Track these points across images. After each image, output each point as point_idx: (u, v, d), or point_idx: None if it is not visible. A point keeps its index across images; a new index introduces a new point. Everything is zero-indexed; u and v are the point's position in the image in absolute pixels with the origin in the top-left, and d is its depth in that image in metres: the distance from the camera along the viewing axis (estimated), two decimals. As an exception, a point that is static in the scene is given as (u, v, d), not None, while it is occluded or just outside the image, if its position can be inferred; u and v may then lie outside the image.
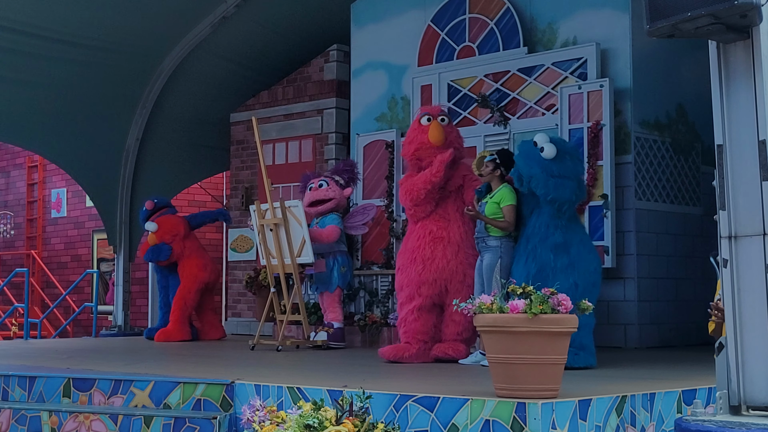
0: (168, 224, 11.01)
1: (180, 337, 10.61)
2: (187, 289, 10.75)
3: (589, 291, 6.80)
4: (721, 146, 3.71)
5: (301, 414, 4.69)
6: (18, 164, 17.12)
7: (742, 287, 3.66)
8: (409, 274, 7.67)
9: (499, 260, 7.21)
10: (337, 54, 11.78)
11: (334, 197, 9.44)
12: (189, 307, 10.76)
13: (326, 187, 9.44)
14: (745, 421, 3.54)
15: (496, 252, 7.25)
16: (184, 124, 12.85)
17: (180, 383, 5.80)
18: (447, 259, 7.58)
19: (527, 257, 6.99)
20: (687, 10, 3.55)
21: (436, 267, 7.58)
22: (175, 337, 10.59)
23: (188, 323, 10.84)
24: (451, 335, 7.61)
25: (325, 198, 9.42)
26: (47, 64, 11.01)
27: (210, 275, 10.97)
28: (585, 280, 6.87)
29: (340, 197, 9.51)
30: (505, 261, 7.19)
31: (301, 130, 11.99)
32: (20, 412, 6.06)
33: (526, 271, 6.84)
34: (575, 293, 5.98)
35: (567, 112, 9.16)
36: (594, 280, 7.00)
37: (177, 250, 10.90)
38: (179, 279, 10.96)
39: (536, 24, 9.74)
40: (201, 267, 10.87)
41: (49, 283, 16.20)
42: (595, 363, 6.83)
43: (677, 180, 9.57)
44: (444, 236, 7.65)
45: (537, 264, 6.89)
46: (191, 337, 10.74)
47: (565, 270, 6.81)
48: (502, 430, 4.50)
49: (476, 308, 4.81)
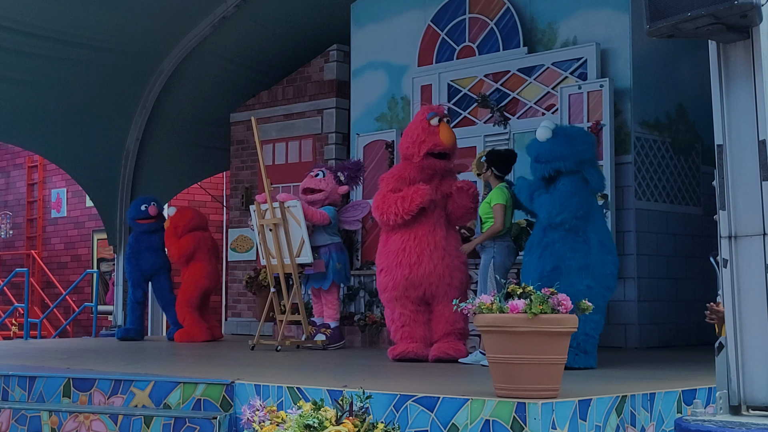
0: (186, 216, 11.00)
1: (203, 337, 10.57)
2: (189, 292, 10.73)
3: (602, 295, 6.69)
4: (721, 146, 3.71)
5: (301, 414, 4.69)
6: (18, 164, 17.12)
7: (742, 287, 3.66)
8: (394, 276, 7.60)
9: (492, 260, 7.22)
10: (337, 54, 11.78)
11: (324, 189, 9.36)
12: (195, 306, 10.76)
13: (322, 177, 9.43)
14: (745, 421, 3.54)
15: (490, 252, 7.30)
16: (184, 124, 12.84)
17: (180, 383, 5.80)
18: (434, 264, 7.54)
19: (543, 250, 6.80)
20: (687, 10, 3.55)
21: (423, 271, 7.52)
22: (199, 337, 10.53)
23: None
24: (443, 330, 7.60)
25: (316, 188, 9.38)
26: (47, 64, 11.01)
27: (210, 284, 10.95)
28: (600, 284, 6.69)
29: (332, 192, 9.41)
30: (498, 260, 7.19)
31: (301, 130, 11.99)
32: (20, 412, 6.06)
33: (541, 266, 6.71)
34: (588, 296, 5.83)
35: (567, 112, 9.16)
36: (609, 284, 6.80)
37: (188, 246, 10.84)
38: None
39: (536, 24, 9.74)
40: (205, 274, 10.83)
41: (49, 283, 16.19)
42: (595, 365, 6.82)
43: (677, 180, 9.57)
44: (430, 241, 7.59)
45: (553, 261, 6.73)
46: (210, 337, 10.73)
47: (581, 271, 6.64)
48: (502, 430, 4.50)
49: (476, 308, 4.81)
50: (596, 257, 6.73)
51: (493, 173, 7.45)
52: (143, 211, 11.16)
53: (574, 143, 6.87)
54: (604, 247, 6.81)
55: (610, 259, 6.81)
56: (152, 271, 11.12)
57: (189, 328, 10.59)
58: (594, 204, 6.95)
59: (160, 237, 11.14)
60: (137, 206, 11.26)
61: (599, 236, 6.83)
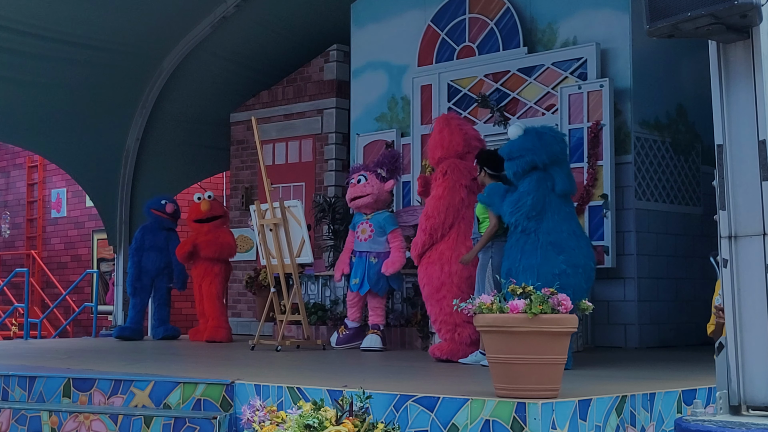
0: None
1: (231, 338, 10.60)
2: (220, 290, 10.75)
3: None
4: (721, 146, 3.71)
5: (301, 414, 4.69)
6: (18, 164, 17.12)
7: (742, 287, 3.66)
8: (430, 273, 7.65)
9: (490, 260, 7.21)
10: (337, 54, 11.78)
11: (371, 192, 9.11)
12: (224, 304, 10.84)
13: (365, 182, 9.15)
14: (745, 421, 3.54)
15: (488, 252, 7.26)
16: (184, 124, 12.85)
17: (180, 383, 5.80)
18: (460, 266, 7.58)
19: (506, 252, 6.85)
20: (687, 10, 3.54)
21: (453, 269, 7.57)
22: (230, 337, 10.53)
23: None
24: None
25: (362, 194, 9.14)
26: (47, 64, 11.01)
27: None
28: (546, 284, 6.48)
29: (379, 192, 9.14)
30: (496, 260, 7.18)
31: (301, 130, 11.99)
32: (20, 412, 6.06)
33: (506, 267, 6.70)
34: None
35: (567, 112, 9.17)
36: (557, 284, 6.62)
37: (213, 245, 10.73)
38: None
39: (536, 24, 9.74)
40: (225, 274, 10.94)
41: (49, 283, 16.20)
42: (570, 366, 6.41)
43: (677, 180, 9.57)
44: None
45: (508, 263, 6.71)
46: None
47: (525, 272, 6.42)
48: (502, 430, 4.50)
49: (476, 308, 4.81)
50: (542, 258, 6.56)
51: (486, 173, 7.43)
52: (162, 205, 11.14)
53: (545, 138, 6.82)
54: (555, 248, 6.62)
55: (561, 259, 6.57)
56: (154, 270, 11.10)
57: (225, 331, 10.53)
58: (552, 204, 6.75)
59: (166, 237, 11.13)
60: (158, 200, 11.26)
61: (551, 236, 6.64)
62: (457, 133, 7.86)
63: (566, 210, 6.85)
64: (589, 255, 6.79)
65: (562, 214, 6.78)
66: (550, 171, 6.77)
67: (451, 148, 7.78)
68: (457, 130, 7.88)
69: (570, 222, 6.80)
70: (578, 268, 6.62)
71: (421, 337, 9.18)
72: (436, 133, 7.93)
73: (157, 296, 11.17)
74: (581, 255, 6.70)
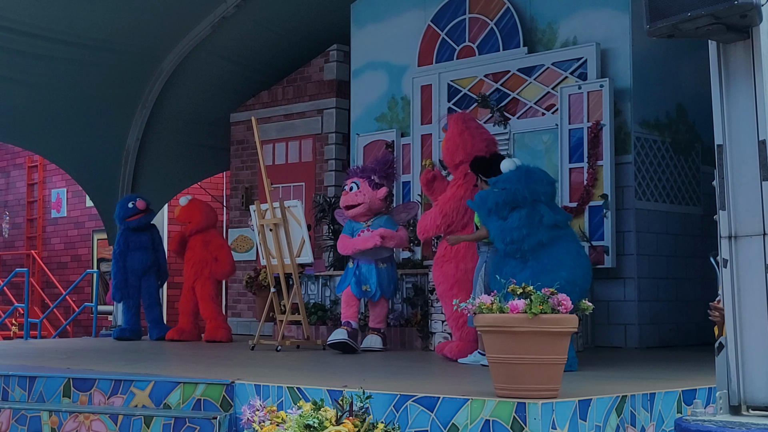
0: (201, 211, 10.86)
1: (231, 337, 10.58)
2: (213, 290, 10.72)
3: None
4: (721, 146, 3.71)
5: (301, 414, 4.69)
6: (18, 164, 17.12)
7: (742, 287, 3.65)
8: (445, 270, 7.71)
9: (484, 264, 7.23)
10: (337, 54, 11.78)
11: (363, 201, 8.90)
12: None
13: (356, 190, 8.93)
14: (745, 421, 3.54)
15: (483, 257, 7.30)
16: (184, 124, 12.85)
17: (180, 383, 5.80)
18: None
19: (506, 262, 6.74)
20: (687, 10, 3.54)
21: (469, 266, 7.60)
22: (229, 337, 10.51)
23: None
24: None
25: (353, 203, 8.94)
26: (47, 64, 11.01)
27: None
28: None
29: (371, 200, 8.91)
30: (489, 265, 7.18)
31: (301, 130, 12.00)
32: (20, 412, 6.06)
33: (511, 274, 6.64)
34: None
35: (567, 112, 9.17)
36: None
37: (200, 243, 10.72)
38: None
39: (536, 24, 9.74)
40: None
41: (49, 283, 16.20)
42: (575, 368, 6.48)
43: (677, 180, 9.57)
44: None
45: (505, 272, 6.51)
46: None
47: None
48: (502, 430, 4.50)
49: (476, 308, 4.81)
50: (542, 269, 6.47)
51: (481, 180, 7.43)
52: (131, 208, 11.00)
53: (533, 176, 6.79)
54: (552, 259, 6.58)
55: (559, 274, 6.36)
56: (141, 270, 11.04)
57: (225, 332, 10.51)
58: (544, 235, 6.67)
59: (149, 235, 11.08)
60: (124, 205, 11.11)
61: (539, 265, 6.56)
62: (477, 136, 7.89)
63: (560, 235, 6.76)
64: (586, 275, 6.71)
65: (557, 241, 6.70)
66: (536, 207, 6.70)
67: (473, 153, 7.75)
68: (477, 134, 7.91)
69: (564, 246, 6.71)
70: (575, 286, 6.44)
71: (421, 337, 9.18)
72: (456, 135, 7.89)
73: (146, 297, 11.08)
74: (579, 274, 6.61)
